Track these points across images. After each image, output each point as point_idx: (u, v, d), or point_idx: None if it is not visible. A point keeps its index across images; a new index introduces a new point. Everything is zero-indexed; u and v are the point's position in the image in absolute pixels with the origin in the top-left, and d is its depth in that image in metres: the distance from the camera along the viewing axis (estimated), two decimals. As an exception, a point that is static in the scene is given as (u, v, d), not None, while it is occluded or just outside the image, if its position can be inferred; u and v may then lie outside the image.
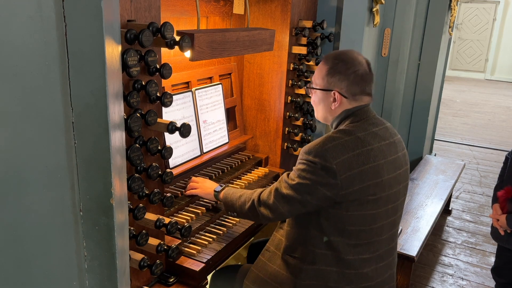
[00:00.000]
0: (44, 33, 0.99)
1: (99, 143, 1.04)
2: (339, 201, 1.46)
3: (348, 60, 1.56)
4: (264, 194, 1.59)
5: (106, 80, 0.98)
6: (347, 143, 1.47)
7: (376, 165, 1.48)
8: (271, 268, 1.66)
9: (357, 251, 1.52)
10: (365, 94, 1.58)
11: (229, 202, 1.71)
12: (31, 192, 1.12)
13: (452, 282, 3.23)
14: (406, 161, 1.63)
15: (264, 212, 1.57)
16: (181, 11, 1.96)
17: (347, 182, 1.44)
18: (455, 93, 10.21)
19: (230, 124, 2.45)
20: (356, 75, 1.55)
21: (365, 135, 1.51)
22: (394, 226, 1.62)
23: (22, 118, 1.06)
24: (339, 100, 1.58)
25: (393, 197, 1.55)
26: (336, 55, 1.61)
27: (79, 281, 1.17)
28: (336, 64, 1.57)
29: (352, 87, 1.56)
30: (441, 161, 4.40)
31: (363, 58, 1.60)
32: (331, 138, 1.49)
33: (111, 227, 1.09)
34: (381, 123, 1.60)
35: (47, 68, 1.01)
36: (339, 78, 1.56)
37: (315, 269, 1.55)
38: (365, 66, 1.58)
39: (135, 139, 1.36)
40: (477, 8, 12.05)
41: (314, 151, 1.47)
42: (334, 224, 1.50)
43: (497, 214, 2.37)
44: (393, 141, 1.59)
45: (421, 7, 3.97)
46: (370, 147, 1.49)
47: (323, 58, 1.64)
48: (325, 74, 1.59)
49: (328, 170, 1.43)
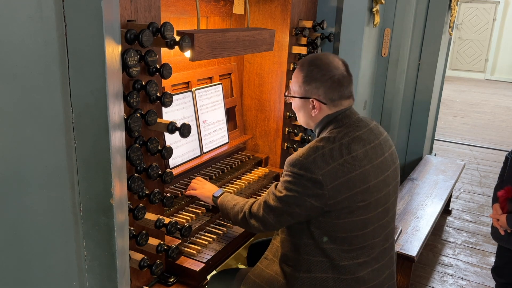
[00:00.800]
0: (44, 33, 0.99)
1: (99, 143, 1.04)
2: (327, 210, 1.45)
3: (323, 66, 1.53)
4: (255, 206, 1.58)
5: (106, 80, 0.98)
6: (331, 151, 1.44)
7: (362, 172, 1.45)
8: (267, 274, 1.66)
9: (351, 256, 1.51)
10: (344, 98, 1.55)
11: (224, 210, 1.72)
12: (31, 192, 1.12)
13: (452, 282, 3.23)
14: (394, 160, 1.61)
15: (255, 224, 1.58)
16: (181, 11, 1.96)
17: (334, 192, 1.42)
18: (455, 93, 10.21)
19: (230, 124, 2.45)
20: (332, 80, 1.51)
21: (349, 140, 1.48)
22: (387, 227, 1.60)
23: (22, 118, 1.06)
24: (318, 107, 1.55)
25: (383, 200, 1.53)
26: (311, 60, 1.57)
27: (79, 281, 1.17)
28: (312, 70, 1.54)
29: (330, 93, 1.52)
30: (441, 161, 4.40)
31: (339, 60, 1.57)
32: (315, 148, 1.46)
33: (111, 227, 1.09)
34: (365, 125, 1.56)
35: (47, 68, 1.01)
36: (315, 85, 1.53)
37: (311, 277, 1.54)
38: (342, 69, 1.54)
39: (135, 139, 1.36)
40: (477, 8, 12.05)
41: (298, 164, 1.44)
42: (326, 232, 1.49)
43: (497, 214, 2.37)
44: (378, 142, 1.56)
45: (421, 7, 3.98)
46: (355, 153, 1.46)
47: (298, 64, 1.61)
48: (302, 82, 1.56)
49: (314, 181, 1.42)
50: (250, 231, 1.70)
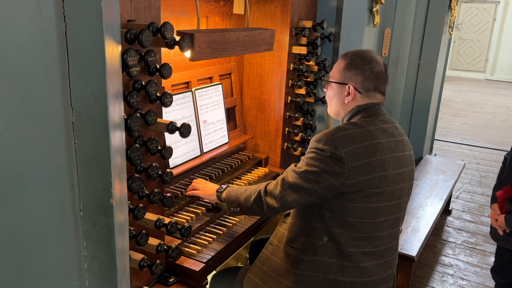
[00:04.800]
0: (44, 33, 0.99)
1: (99, 143, 1.04)
2: (343, 191, 1.49)
3: (366, 57, 1.61)
4: (271, 185, 1.62)
5: (106, 80, 0.98)
6: (356, 134, 1.51)
7: (383, 159, 1.51)
8: (273, 262, 1.68)
9: (358, 244, 1.55)
10: (378, 91, 1.63)
11: (233, 198, 1.72)
12: (31, 192, 1.12)
13: (452, 282, 3.23)
14: (412, 162, 1.66)
15: (270, 202, 1.59)
16: (181, 11, 1.96)
17: (353, 172, 1.46)
18: (455, 93, 10.21)
19: (230, 124, 2.45)
20: (372, 72, 1.59)
21: (375, 129, 1.55)
22: (396, 225, 1.64)
23: (22, 118, 1.06)
24: (353, 94, 1.62)
25: (397, 193, 1.57)
26: (356, 52, 1.66)
27: (79, 281, 1.17)
28: (354, 59, 1.62)
29: (367, 82, 1.60)
30: (441, 161, 4.40)
31: (381, 59, 1.65)
32: (341, 128, 1.53)
33: (111, 227, 1.09)
34: (391, 122, 1.64)
35: (47, 68, 1.01)
36: (355, 72, 1.60)
37: (316, 260, 1.57)
38: (382, 66, 1.63)
39: (135, 139, 1.36)
40: (477, 8, 12.05)
41: (324, 139, 1.50)
42: (337, 215, 1.52)
43: (496, 214, 2.37)
44: (401, 139, 1.62)
45: (421, 7, 3.98)
46: (378, 141, 1.52)
47: (342, 54, 1.69)
48: (343, 68, 1.63)
49: (336, 158, 1.46)
50: (262, 214, 1.68)
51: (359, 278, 1.56)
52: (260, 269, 1.71)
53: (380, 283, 1.62)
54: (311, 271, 1.57)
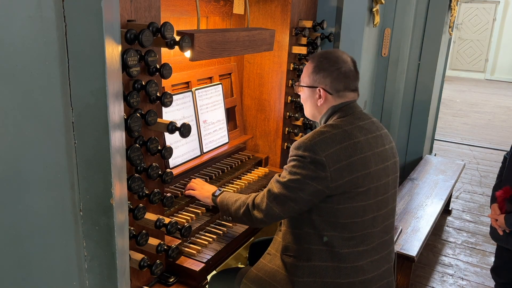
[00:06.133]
0: (44, 33, 0.99)
1: (99, 143, 1.04)
2: (329, 194, 1.49)
3: (332, 58, 1.63)
4: (258, 198, 1.62)
5: (106, 80, 0.99)
6: (334, 136, 1.52)
7: (364, 157, 1.52)
8: (270, 268, 1.68)
9: (351, 244, 1.55)
10: (349, 90, 1.64)
11: (225, 207, 1.73)
12: (31, 192, 1.12)
13: (452, 282, 3.23)
14: (394, 154, 1.67)
15: (258, 215, 1.59)
16: (181, 11, 1.96)
17: (336, 174, 1.47)
18: (455, 93, 10.21)
19: (230, 124, 2.45)
20: (339, 72, 1.61)
21: (352, 128, 1.56)
22: (387, 219, 1.64)
23: (22, 118, 1.06)
24: (324, 96, 1.63)
25: (382, 189, 1.58)
26: (322, 53, 1.68)
27: (79, 281, 1.17)
28: (321, 62, 1.64)
29: (336, 83, 1.61)
30: (441, 161, 4.40)
31: (348, 57, 1.66)
32: (319, 132, 1.54)
33: (111, 227, 1.09)
34: (367, 118, 1.65)
35: (47, 68, 1.01)
36: (323, 75, 1.62)
37: (311, 266, 1.57)
38: (350, 64, 1.64)
39: (135, 139, 1.36)
40: (477, 8, 12.05)
41: (303, 146, 1.51)
42: (327, 219, 1.53)
43: (496, 214, 2.36)
44: (380, 134, 1.63)
45: (421, 7, 3.98)
46: (357, 140, 1.54)
47: (310, 57, 1.71)
48: (311, 71, 1.66)
49: (317, 163, 1.47)
50: (253, 225, 1.71)
51: (356, 277, 1.56)
52: (256, 275, 1.70)
53: (378, 280, 1.62)
54: (307, 277, 1.57)
